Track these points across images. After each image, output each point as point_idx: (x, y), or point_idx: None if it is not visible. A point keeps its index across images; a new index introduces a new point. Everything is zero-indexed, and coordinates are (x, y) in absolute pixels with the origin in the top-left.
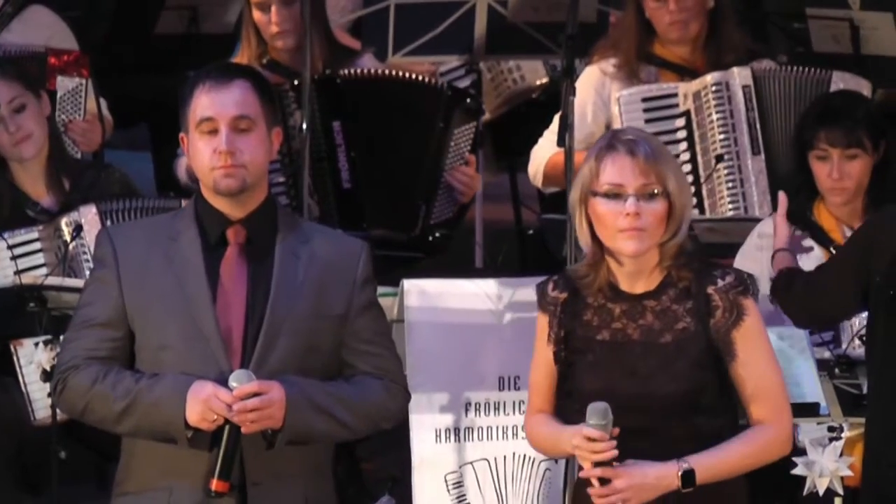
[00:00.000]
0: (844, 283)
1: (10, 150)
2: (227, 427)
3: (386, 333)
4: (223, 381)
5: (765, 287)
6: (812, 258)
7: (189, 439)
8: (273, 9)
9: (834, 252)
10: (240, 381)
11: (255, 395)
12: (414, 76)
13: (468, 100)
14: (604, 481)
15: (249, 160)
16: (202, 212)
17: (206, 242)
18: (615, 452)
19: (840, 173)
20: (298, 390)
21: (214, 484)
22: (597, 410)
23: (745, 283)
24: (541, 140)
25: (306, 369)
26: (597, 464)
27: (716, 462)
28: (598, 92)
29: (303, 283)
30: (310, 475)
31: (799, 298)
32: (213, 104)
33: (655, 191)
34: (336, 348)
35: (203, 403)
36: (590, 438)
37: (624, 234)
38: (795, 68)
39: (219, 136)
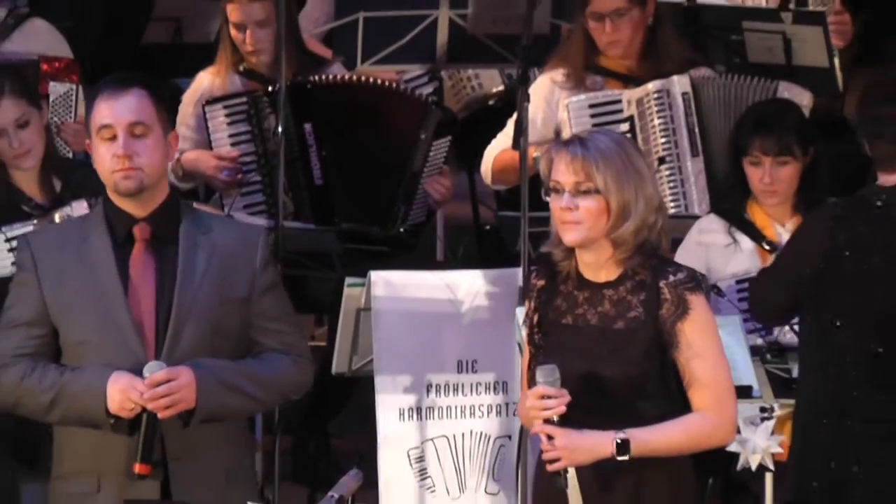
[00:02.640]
0: (789, 282)
1: (10, 161)
2: (144, 414)
3: (289, 311)
4: (139, 370)
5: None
6: (745, 252)
7: (112, 426)
8: (248, 31)
9: (766, 248)
10: (152, 371)
11: (167, 381)
12: (394, 85)
13: (448, 115)
14: (550, 439)
15: (146, 162)
16: (109, 212)
17: (115, 241)
18: (562, 409)
19: (772, 178)
20: (208, 372)
21: (137, 468)
22: (545, 370)
23: (696, 280)
24: (493, 141)
25: (216, 351)
26: (546, 423)
27: (652, 439)
28: (548, 100)
29: (206, 272)
30: (228, 448)
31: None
32: (111, 112)
33: (588, 188)
34: (243, 329)
35: (120, 393)
36: (541, 396)
37: (564, 225)
38: (739, 77)
39: (117, 141)
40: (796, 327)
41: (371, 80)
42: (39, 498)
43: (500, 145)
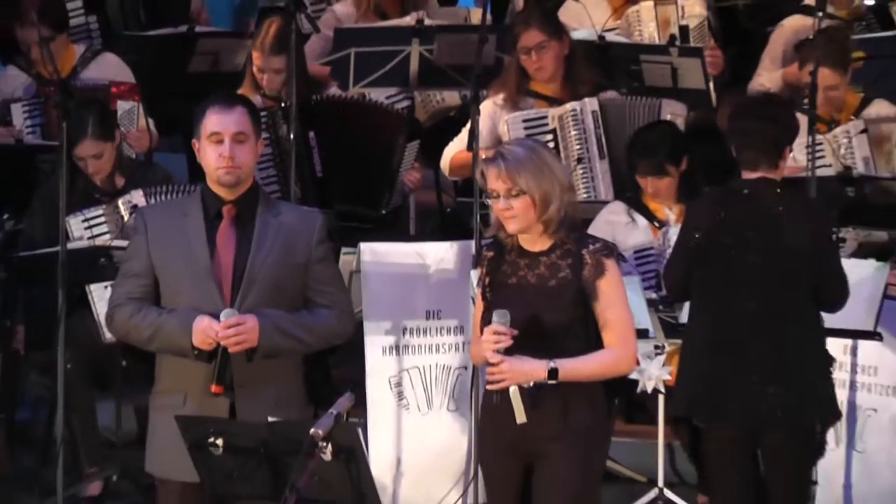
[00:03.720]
0: (683, 254)
1: (86, 171)
2: (219, 348)
3: (337, 277)
4: (217, 315)
5: None
6: (641, 229)
7: (195, 356)
8: (266, 76)
9: (656, 225)
10: (226, 315)
11: (237, 325)
12: (379, 102)
13: (417, 125)
14: (498, 364)
15: (244, 163)
16: (206, 195)
17: (207, 217)
18: (510, 342)
19: (654, 189)
20: (269, 320)
21: (213, 388)
22: (499, 313)
23: (610, 249)
24: (450, 144)
25: (277, 305)
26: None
27: (575, 367)
28: (492, 118)
29: (273, 245)
30: (282, 380)
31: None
32: (220, 122)
33: (516, 192)
34: (300, 289)
35: (202, 332)
36: (494, 332)
37: (505, 220)
38: (635, 98)
39: (223, 145)
40: None
41: (360, 97)
42: (108, 413)
43: (455, 147)
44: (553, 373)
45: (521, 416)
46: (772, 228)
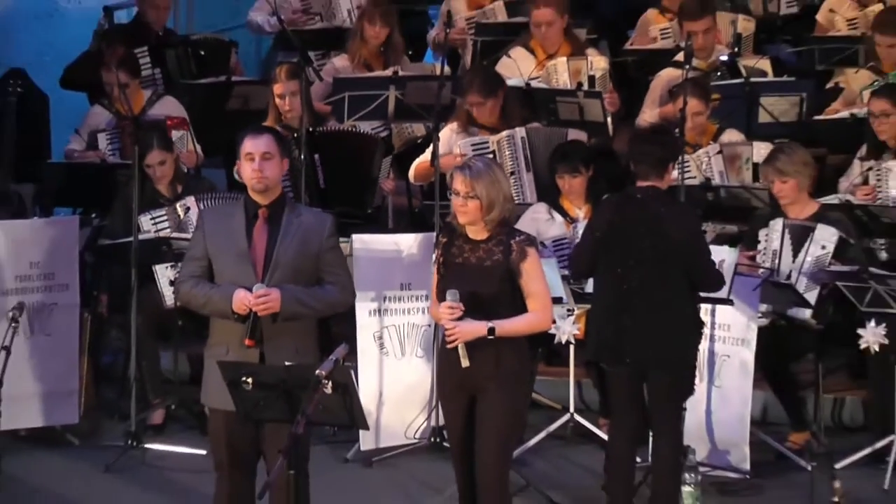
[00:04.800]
0: (589, 245)
1: (154, 179)
2: (251, 312)
3: (341, 261)
4: (251, 288)
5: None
6: (557, 224)
7: (235, 318)
8: (287, 99)
9: (569, 221)
10: (257, 289)
11: (265, 295)
12: (365, 132)
13: (391, 147)
14: (452, 328)
15: (270, 175)
16: (247, 201)
17: (248, 217)
18: (460, 313)
19: (568, 186)
20: (289, 292)
21: (247, 342)
22: (451, 293)
23: (531, 240)
24: (417, 159)
25: (297, 282)
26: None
27: (507, 326)
28: (448, 142)
29: (293, 238)
30: (298, 336)
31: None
32: (253, 146)
33: (472, 195)
34: (314, 270)
35: (239, 300)
36: (449, 307)
37: (459, 213)
38: (550, 127)
39: (254, 162)
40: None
41: (351, 128)
42: (168, 359)
43: (420, 160)
44: (491, 331)
45: (465, 362)
46: (656, 224)
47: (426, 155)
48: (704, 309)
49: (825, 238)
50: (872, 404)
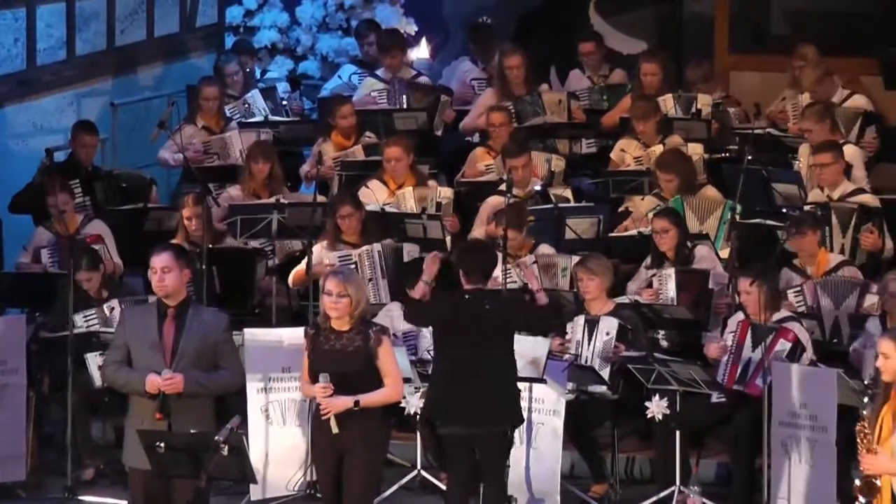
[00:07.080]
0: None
1: (85, 288)
2: (161, 392)
3: (235, 352)
4: (160, 372)
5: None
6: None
7: (148, 396)
8: (192, 221)
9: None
10: (165, 373)
11: (171, 378)
12: (253, 248)
13: None
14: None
15: (169, 284)
16: (159, 303)
17: (159, 315)
18: (331, 391)
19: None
20: (191, 376)
21: (157, 415)
22: (323, 375)
23: (385, 331)
24: (294, 269)
25: (198, 367)
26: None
27: (369, 398)
28: (319, 254)
29: (195, 333)
30: (199, 410)
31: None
32: (156, 260)
33: (343, 295)
34: (212, 358)
35: (151, 382)
36: (321, 387)
37: (331, 311)
38: (400, 244)
39: (157, 274)
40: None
41: (243, 245)
42: (99, 429)
43: (297, 269)
44: (356, 403)
45: (335, 429)
46: (482, 316)
47: (302, 265)
48: (524, 386)
49: (608, 327)
50: (658, 461)
